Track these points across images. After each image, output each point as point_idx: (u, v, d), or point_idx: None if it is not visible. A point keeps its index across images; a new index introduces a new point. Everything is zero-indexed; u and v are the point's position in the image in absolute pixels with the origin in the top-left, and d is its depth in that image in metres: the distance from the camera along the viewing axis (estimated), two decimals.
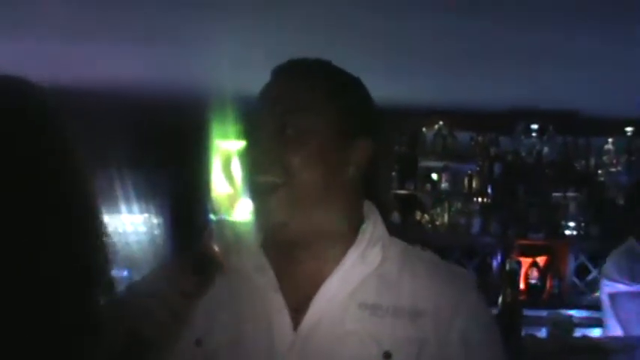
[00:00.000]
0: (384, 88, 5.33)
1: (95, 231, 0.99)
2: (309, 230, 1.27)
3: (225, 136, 1.37)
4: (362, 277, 1.29)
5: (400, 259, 1.32)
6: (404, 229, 6.09)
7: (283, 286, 1.28)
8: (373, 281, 1.29)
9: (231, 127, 1.34)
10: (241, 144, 1.28)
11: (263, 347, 1.25)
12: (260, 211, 1.26)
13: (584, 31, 3.75)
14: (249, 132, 1.29)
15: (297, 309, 1.27)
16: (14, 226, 0.87)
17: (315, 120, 1.26)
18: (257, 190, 1.26)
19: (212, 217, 1.27)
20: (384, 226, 1.36)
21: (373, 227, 1.33)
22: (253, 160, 1.26)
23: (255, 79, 1.33)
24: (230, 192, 1.31)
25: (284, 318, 1.26)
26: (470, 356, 1.28)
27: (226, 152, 1.32)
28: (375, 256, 1.31)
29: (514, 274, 3.89)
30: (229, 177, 1.32)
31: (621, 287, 3.46)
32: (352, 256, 1.30)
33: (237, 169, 1.30)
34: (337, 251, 1.30)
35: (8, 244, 0.87)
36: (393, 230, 1.36)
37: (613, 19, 3.51)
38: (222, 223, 1.26)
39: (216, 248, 1.17)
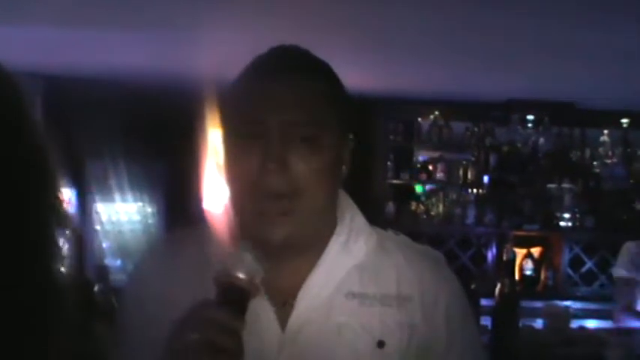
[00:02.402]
0: (380, 78, 5.32)
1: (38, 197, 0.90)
2: (307, 234, 1.24)
3: (218, 125, 1.33)
4: (346, 269, 1.27)
5: (378, 247, 1.32)
6: (399, 219, 6.09)
7: (266, 285, 1.16)
8: (356, 271, 1.28)
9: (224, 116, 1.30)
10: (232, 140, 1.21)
11: (252, 350, 1.12)
12: (262, 230, 1.20)
13: (581, 22, 3.74)
14: (241, 137, 1.21)
15: (284, 308, 1.24)
16: None
17: (324, 129, 1.21)
18: (264, 214, 1.19)
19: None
20: (362, 215, 1.34)
21: (351, 216, 1.32)
22: (260, 180, 1.18)
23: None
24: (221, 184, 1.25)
25: (270, 320, 1.23)
26: (453, 332, 1.29)
27: (219, 141, 1.28)
28: (359, 249, 1.29)
29: (512, 264, 3.88)
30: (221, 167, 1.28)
31: None
32: (334, 246, 1.28)
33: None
34: (318, 244, 1.27)
35: None
36: (388, 220, 1.35)
37: (611, 11, 3.49)
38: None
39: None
